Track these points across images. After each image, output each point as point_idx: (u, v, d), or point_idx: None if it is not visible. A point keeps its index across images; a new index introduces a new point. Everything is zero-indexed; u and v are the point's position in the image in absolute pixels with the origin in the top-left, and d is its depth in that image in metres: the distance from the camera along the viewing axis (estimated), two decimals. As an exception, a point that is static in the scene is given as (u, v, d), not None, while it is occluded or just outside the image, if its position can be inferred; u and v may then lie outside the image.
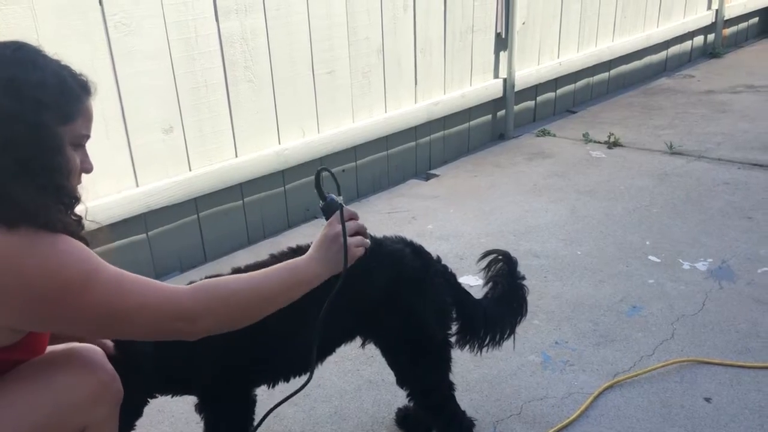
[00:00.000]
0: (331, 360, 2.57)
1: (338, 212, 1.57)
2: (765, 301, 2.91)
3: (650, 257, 3.35)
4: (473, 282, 3.09)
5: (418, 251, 2.00)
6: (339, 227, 1.56)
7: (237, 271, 1.82)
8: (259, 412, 1.92)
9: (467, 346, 2.10)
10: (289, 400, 1.72)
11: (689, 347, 2.65)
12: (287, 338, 1.80)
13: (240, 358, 1.80)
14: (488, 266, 2.18)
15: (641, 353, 2.63)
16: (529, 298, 2.55)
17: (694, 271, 3.20)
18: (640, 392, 2.42)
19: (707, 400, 2.36)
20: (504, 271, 2.17)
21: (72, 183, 1.35)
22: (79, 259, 1.26)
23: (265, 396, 2.35)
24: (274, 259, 1.83)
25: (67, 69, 1.37)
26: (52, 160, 1.29)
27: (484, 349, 2.12)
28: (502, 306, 2.13)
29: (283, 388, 1.89)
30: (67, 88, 1.33)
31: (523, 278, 2.17)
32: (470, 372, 2.55)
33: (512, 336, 2.17)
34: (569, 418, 2.30)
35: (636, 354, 2.63)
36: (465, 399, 2.40)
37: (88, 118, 1.38)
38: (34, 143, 1.26)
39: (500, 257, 2.17)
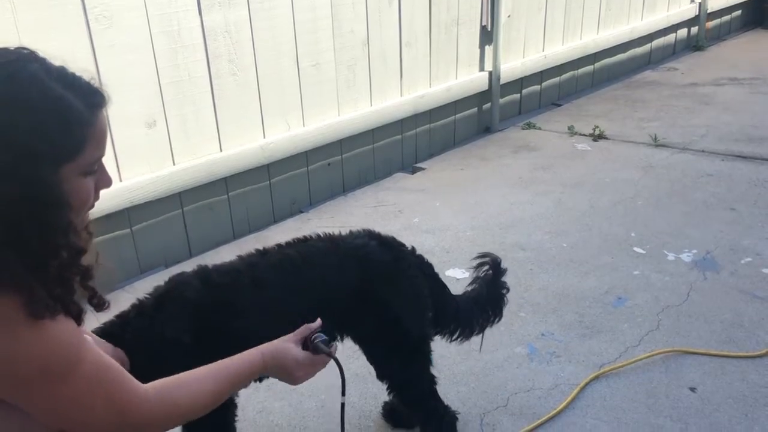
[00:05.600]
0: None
1: (329, 357, 1.52)
2: (748, 292, 2.94)
3: (635, 249, 3.37)
4: (460, 275, 3.09)
5: (386, 243, 1.98)
6: (314, 371, 1.51)
7: (203, 270, 1.78)
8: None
9: (436, 335, 2.11)
10: (275, 395, 1.70)
11: (674, 338, 2.67)
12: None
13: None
14: (477, 267, 2.20)
15: (627, 344, 2.64)
16: (515, 291, 2.55)
17: (678, 262, 3.22)
18: (625, 383, 2.44)
19: (692, 389, 2.38)
20: (489, 276, 2.18)
21: (73, 238, 1.17)
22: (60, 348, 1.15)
23: (251, 390, 2.33)
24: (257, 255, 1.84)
25: (72, 86, 1.16)
26: (52, 219, 1.12)
27: (454, 342, 2.16)
28: (476, 307, 2.15)
29: (268, 384, 1.87)
30: (71, 118, 1.12)
31: (507, 289, 2.20)
32: (457, 365, 2.55)
33: (481, 335, 2.19)
34: (556, 409, 2.31)
35: (622, 345, 2.64)
36: (452, 391, 2.41)
37: (100, 138, 1.19)
38: (29, 202, 1.09)
39: (489, 262, 2.18)
